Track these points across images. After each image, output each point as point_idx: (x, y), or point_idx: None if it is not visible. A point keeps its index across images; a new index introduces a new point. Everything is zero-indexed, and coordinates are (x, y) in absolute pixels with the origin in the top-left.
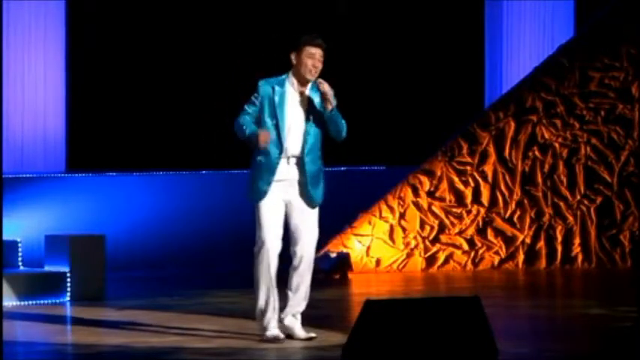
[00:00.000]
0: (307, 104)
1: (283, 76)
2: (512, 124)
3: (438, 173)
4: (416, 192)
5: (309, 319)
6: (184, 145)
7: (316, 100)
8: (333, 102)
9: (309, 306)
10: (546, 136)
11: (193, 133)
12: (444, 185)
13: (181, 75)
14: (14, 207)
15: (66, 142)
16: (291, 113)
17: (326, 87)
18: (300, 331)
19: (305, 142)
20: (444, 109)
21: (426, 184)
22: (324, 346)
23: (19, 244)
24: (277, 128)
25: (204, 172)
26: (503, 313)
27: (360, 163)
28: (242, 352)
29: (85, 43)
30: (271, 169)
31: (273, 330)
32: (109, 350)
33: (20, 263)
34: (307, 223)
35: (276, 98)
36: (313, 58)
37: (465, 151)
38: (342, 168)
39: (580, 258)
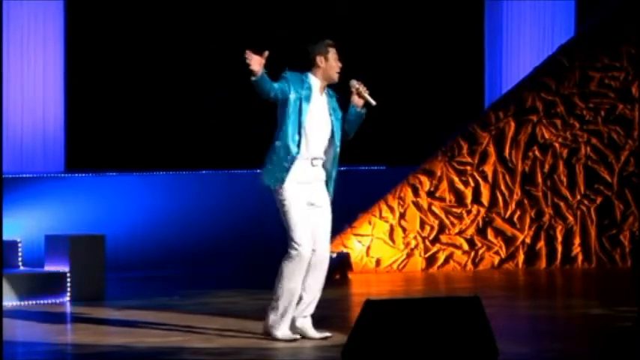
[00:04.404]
0: (328, 107)
1: (305, 74)
2: (512, 124)
3: (438, 173)
4: (416, 192)
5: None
6: (184, 145)
7: (332, 104)
8: (372, 100)
9: None
10: (546, 136)
11: (193, 133)
12: (444, 185)
13: (181, 75)
14: (14, 207)
15: (65, 142)
16: (316, 114)
17: (362, 87)
18: (313, 332)
19: (330, 144)
20: (444, 109)
21: (426, 184)
22: (324, 346)
23: (19, 244)
24: (299, 127)
25: (204, 172)
26: (503, 313)
27: (360, 163)
28: (243, 351)
29: (84, 42)
30: (289, 166)
31: (287, 331)
32: (109, 350)
33: (20, 263)
34: (326, 222)
35: (304, 94)
36: (337, 60)
37: (465, 151)
38: (342, 168)
39: (580, 258)
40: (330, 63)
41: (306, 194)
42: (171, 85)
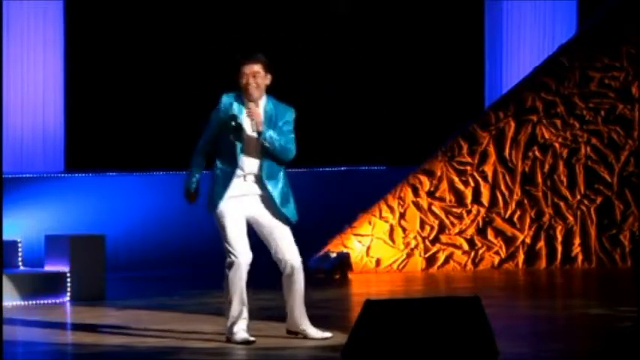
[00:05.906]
0: (261, 123)
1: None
2: (512, 124)
3: (438, 173)
4: (416, 192)
5: (309, 319)
6: (184, 145)
7: (268, 117)
8: (260, 126)
9: (309, 306)
10: (546, 136)
11: (193, 134)
12: (444, 185)
13: (181, 75)
14: (14, 207)
15: (65, 142)
16: (247, 130)
17: (253, 113)
18: (313, 332)
19: (262, 161)
20: (444, 109)
21: (426, 184)
22: (324, 346)
23: (19, 244)
24: (233, 144)
25: (204, 172)
26: (503, 313)
27: (360, 163)
28: (242, 352)
29: (84, 42)
30: (225, 184)
31: (243, 333)
32: (109, 350)
33: (20, 263)
34: (280, 235)
35: (234, 114)
36: (247, 75)
37: (465, 151)
38: (342, 168)
39: (580, 258)
40: (240, 80)
41: (242, 206)
42: (171, 85)
